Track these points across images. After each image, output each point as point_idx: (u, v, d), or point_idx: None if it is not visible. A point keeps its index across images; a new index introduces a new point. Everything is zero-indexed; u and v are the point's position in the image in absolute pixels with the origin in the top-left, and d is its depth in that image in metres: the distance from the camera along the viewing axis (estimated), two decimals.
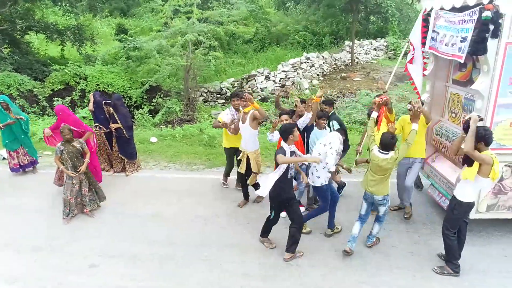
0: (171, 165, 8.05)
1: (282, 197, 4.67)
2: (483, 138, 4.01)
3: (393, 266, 4.71)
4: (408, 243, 5.18)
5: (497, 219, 5.12)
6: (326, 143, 4.83)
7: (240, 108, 6.01)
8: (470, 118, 4.10)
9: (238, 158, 5.94)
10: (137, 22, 18.40)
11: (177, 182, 7.17)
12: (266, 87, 13.96)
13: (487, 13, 4.11)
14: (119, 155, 7.38)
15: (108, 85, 12.40)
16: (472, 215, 4.84)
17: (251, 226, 5.51)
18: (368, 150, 4.90)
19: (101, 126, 7.20)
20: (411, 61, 5.65)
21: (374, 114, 5.05)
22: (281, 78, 14.36)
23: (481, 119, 4.18)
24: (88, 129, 6.39)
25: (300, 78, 14.57)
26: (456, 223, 4.40)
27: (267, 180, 4.56)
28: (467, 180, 4.17)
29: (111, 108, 7.04)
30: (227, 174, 6.72)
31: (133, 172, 7.46)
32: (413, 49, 5.55)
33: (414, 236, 5.34)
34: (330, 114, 5.83)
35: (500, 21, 4.11)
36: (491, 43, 4.22)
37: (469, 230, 5.28)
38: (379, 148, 4.59)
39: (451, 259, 4.51)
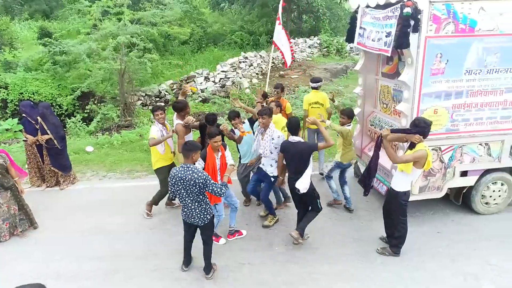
0: (110, 174, 7.63)
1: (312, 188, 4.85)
2: (421, 131, 4.26)
3: (340, 254, 4.91)
4: (352, 230, 5.44)
5: (429, 199, 5.55)
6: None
7: (166, 122, 5.56)
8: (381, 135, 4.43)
9: None
10: (62, 25, 17.19)
11: (119, 191, 6.82)
12: (206, 88, 13.83)
13: (407, 10, 4.43)
14: (52, 168, 6.83)
15: (33, 93, 11.47)
16: None
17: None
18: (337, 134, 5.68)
19: (26, 138, 6.62)
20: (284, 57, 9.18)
21: None
22: (220, 79, 14.30)
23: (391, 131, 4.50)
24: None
25: (240, 78, 14.62)
26: (404, 209, 4.64)
27: (306, 177, 4.69)
28: (403, 171, 4.44)
29: (39, 118, 6.51)
30: (156, 202, 5.85)
31: (68, 185, 6.95)
32: (278, 48, 8.89)
33: (358, 223, 5.61)
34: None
35: (419, 16, 4.45)
36: (412, 37, 4.55)
37: None
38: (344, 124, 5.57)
39: (399, 244, 4.79)
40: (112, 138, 9.51)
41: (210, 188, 3.98)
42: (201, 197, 4.08)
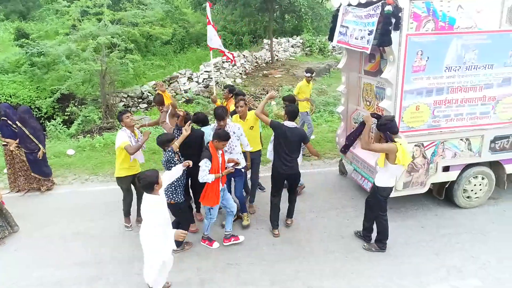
0: (93, 178, 7.47)
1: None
2: (386, 128, 4.34)
3: (327, 251, 4.93)
4: (338, 227, 5.46)
5: (412, 195, 5.61)
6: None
7: (136, 130, 5.40)
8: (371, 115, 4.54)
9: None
10: (40, 26, 16.74)
11: (102, 195, 6.67)
12: (189, 88, 13.72)
13: (388, 8, 4.49)
14: (32, 174, 6.64)
15: (10, 96, 11.14)
16: (391, 193, 5.26)
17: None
18: None
19: (7, 142, 6.43)
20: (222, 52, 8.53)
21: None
22: (204, 79, 14.21)
23: (377, 116, 4.59)
24: None
25: (224, 78, 14.57)
26: (383, 205, 4.72)
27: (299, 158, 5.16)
28: (379, 166, 4.55)
29: (18, 123, 6.34)
30: (128, 212, 5.56)
31: (46, 191, 6.74)
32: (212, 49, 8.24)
33: (344, 220, 5.64)
34: None
35: (400, 14, 4.51)
36: (394, 35, 4.60)
37: (389, 208, 5.74)
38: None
39: (382, 239, 4.85)
40: (94, 140, 9.32)
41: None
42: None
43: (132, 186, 5.49)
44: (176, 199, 4.65)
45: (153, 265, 3.74)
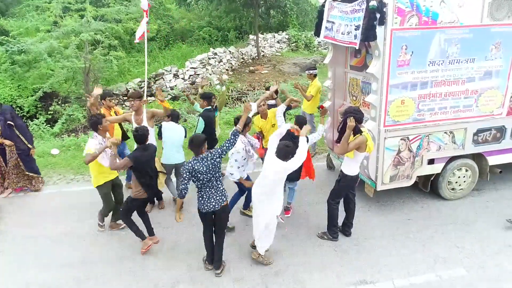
0: (79, 177, 7.35)
1: None
2: (356, 118, 4.41)
3: (315, 245, 4.98)
4: (326, 221, 5.50)
5: (398, 188, 5.69)
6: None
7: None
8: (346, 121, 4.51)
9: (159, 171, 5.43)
10: (20, 23, 16.30)
11: (89, 194, 6.53)
12: (175, 85, 13.59)
13: (373, 3, 4.53)
14: (26, 172, 6.54)
15: None
16: (378, 187, 5.36)
17: (175, 229, 5.33)
18: None
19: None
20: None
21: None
22: (190, 75, 14.09)
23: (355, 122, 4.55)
24: None
25: (210, 74, 14.48)
26: (340, 193, 4.90)
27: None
28: (347, 157, 4.66)
29: (8, 121, 6.22)
30: (106, 214, 5.39)
31: (40, 187, 6.72)
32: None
33: None
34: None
35: (384, 9, 4.55)
36: (379, 30, 4.64)
37: (376, 201, 5.87)
38: None
39: (330, 226, 5.02)
40: (78, 139, 9.17)
41: None
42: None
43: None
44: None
45: (273, 229, 4.43)
